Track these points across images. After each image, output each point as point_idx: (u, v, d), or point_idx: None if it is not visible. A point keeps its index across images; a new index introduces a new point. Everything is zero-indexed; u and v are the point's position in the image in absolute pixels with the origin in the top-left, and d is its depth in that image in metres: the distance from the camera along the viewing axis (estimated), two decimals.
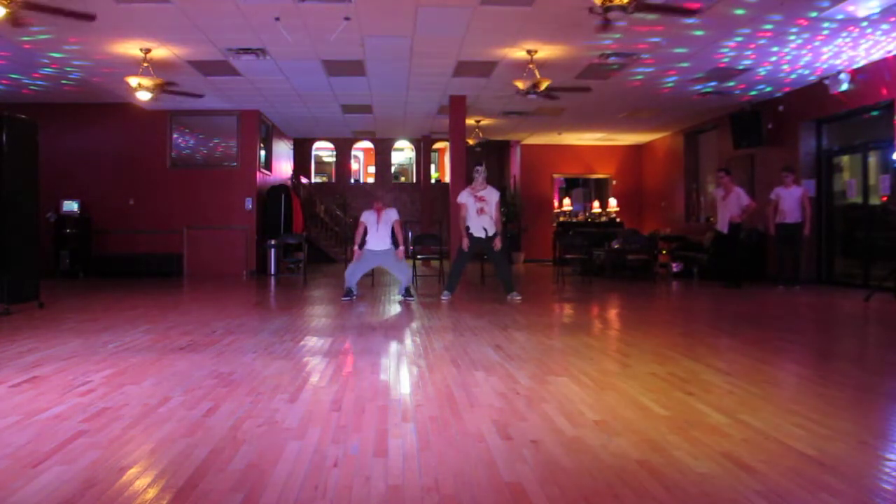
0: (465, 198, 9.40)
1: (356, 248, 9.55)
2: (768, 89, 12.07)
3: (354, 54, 10.09)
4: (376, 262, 9.57)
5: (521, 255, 18.78)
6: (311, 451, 3.04)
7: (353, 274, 9.49)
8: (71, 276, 13.27)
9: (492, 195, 9.39)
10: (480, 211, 9.28)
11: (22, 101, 12.64)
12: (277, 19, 8.40)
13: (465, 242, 9.31)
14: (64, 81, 11.65)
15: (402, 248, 9.47)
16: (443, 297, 9.42)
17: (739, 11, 7.98)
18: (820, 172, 12.13)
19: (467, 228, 9.34)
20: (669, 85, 11.93)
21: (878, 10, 7.88)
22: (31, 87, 12.02)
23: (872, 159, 11.06)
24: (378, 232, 9.45)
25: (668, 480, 2.69)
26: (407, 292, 9.44)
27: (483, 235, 9.29)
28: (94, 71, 10.92)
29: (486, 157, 19.24)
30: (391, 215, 9.55)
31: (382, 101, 13.79)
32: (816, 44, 9.33)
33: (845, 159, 11.92)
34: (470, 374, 4.65)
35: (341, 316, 7.86)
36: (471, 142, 15.76)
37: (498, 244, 9.31)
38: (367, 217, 9.56)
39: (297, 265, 14.39)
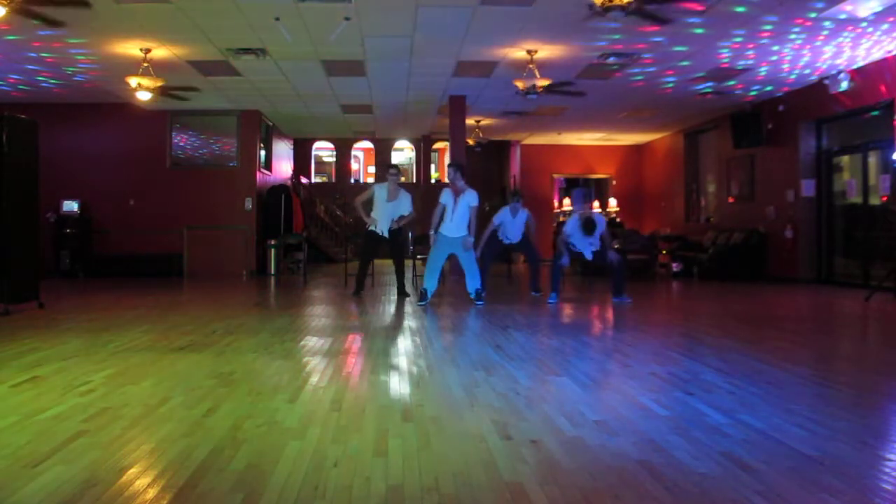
0: (572, 229, 9.15)
1: (433, 232, 8.82)
2: (769, 89, 12.07)
3: (354, 54, 10.09)
4: (450, 249, 8.81)
5: (520, 255, 18.75)
6: (311, 452, 3.04)
7: (434, 271, 8.81)
8: (71, 276, 13.27)
9: (601, 224, 9.04)
10: (591, 244, 9.15)
11: (22, 102, 12.63)
12: (277, 19, 8.40)
13: (566, 260, 9.28)
14: (64, 82, 11.65)
15: (471, 238, 8.74)
16: (550, 301, 9.11)
17: (740, 9, 7.97)
18: (820, 172, 12.14)
19: (569, 247, 9.20)
20: (670, 85, 11.92)
21: (878, 9, 7.87)
22: (31, 88, 12.01)
23: (872, 159, 11.06)
24: (454, 216, 8.65)
25: (668, 480, 2.69)
26: (478, 295, 8.82)
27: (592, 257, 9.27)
28: (94, 71, 10.92)
29: (486, 158, 19.24)
30: (469, 199, 8.66)
31: (382, 101, 13.78)
32: (818, 44, 9.32)
33: (845, 159, 11.92)
34: (470, 374, 4.65)
35: (341, 316, 7.86)
36: (471, 142, 15.76)
37: (612, 253, 9.16)
38: (447, 199, 8.70)
39: (297, 265, 14.39)
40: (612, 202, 19.13)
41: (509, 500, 2.51)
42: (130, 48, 9.59)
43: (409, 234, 10.24)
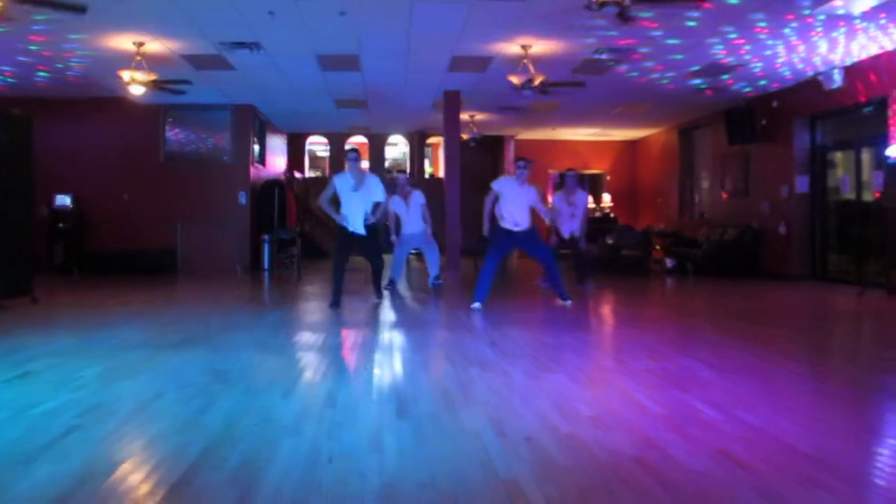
0: (558, 202, 9.96)
1: (394, 237, 9.87)
2: (762, 83, 12.06)
3: (349, 49, 10.05)
4: (414, 243, 9.94)
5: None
6: (307, 448, 3.03)
7: (400, 263, 9.90)
8: (64, 271, 13.20)
9: (582, 199, 10.05)
10: (573, 215, 9.92)
11: (15, 96, 12.55)
12: (272, 13, 8.36)
13: (554, 240, 9.86)
14: (56, 75, 11.57)
15: (429, 228, 9.81)
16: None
17: (733, 1, 7.94)
18: (814, 168, 12.15)
19: (557, 231, 9.91)
20: (665, 81, 11.92)
21: (874, 3, 7.87)
22: (24, 82, 11.93)
23: (866, 155, 11.08)
24: (409, 215, 9.72)
25: (663, 477, 2.69)
26: (436, 279, 9.90)
27: (569, 236, 10.00)
28: (87, 65, 10.85)
29: (480, 153, 19.22)
30: (418, 199, 9.77)
31: (377, 96, 13.74)
32: (814, 39, 9.32)
33: (839, 155, 11.94)
34: (465, 371, 4.65)
35: (336, 312, 7.84)
36: (465, 137, 15.73)
37: (584, 243, 10.09)
38: (397, 205, 9.73)
39: (291, 260, 14.36)
40: (606, 198, 19.15)
41: (504, 497, 2.51)
42: (123, 42, 9.53)
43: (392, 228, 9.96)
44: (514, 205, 7.94)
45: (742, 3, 7.96)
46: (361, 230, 7.94)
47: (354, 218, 7.95)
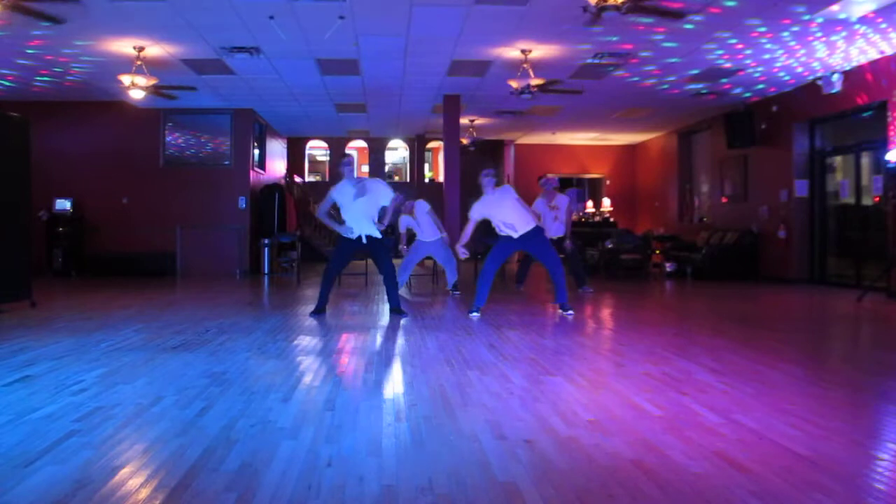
0: (541, 207, 10.10)
1: (403, 247, 10.27)
2: (760, 87, 12.09)
3: (348, 53, 10.07)
4: (428, 250, 10.11)
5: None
6: (305, 451, 3.04)
7: (408, 268, 10.18)
8: (63, 274, 13.21)
9: (563, 201, 10.43)
10: (556, 218, 10.28)
11: (14, 99, 12.57)
12: (272, 18, 8.38)
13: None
14: (56, 79, 11.59)
15: (445, 234, 10.02)
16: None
17: (731, 3, 7.96)
18: (813, 173, 12.17)
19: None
20: (664, 86, 11.94)
21: (872, 7, 7.89)
22: (23, 86, 11.95)
23: (865, 160, 11.10)
24: (422, 227, 9.96)
25: (662, 480, 2.69)
26: (454, 287, 10.10)
27: (554, 236, 10.08)
28: (87, 69, 10.87)
29: (481, 157, 19.24)
30: (422, 208, 9.94)
31: (376, 101, 13.76)
32: (813, 44, 9.34)
33: (838, 160, 11.96)
34: (464, 374, 4.65)
35: (335, 315, 7.84)
36: (464, 141, 15.74)
37: (569, 245, 10.29)
38: (407, 221, 10.10)
39: (291, 264, 14.36)
40: (606, 202, 19.15)
41: (503, 500, 2.51)
42: (124, 46, 9.55)
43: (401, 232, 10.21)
44: (498, 214, 7.67)
45: (739, 7, 7.98)
46: (375, 233, 7.61)
47: (360, 226, 7.58)
